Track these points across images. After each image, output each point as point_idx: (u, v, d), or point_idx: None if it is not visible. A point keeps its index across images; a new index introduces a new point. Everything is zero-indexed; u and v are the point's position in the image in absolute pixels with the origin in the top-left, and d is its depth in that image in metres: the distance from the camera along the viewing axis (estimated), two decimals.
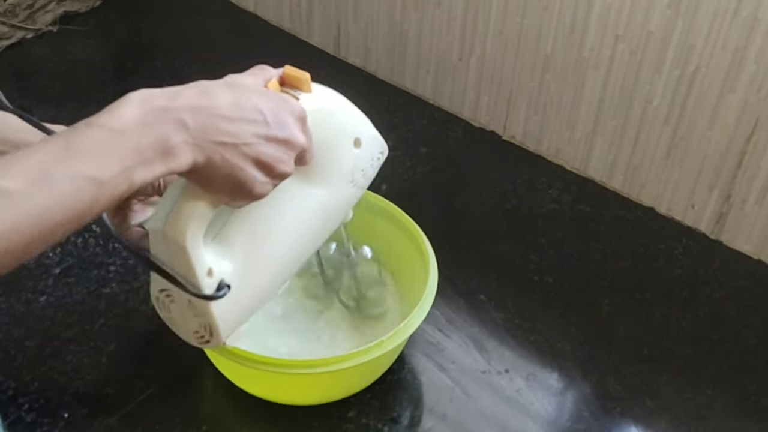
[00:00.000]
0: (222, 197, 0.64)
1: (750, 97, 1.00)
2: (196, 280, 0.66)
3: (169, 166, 0.57)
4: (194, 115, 0.58)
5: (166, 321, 0.73)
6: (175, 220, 0.64)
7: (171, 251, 0.66)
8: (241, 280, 0.70)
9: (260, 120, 0.62)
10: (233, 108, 0.60)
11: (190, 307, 0.69)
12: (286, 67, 0.69)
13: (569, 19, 1.12)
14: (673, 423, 0.90)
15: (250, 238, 0.70)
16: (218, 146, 0.59)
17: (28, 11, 1.45)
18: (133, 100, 0.57)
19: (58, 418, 0.87)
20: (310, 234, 0.77)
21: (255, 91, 0.63)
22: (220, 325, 0.69)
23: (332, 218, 0.78)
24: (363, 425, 0.88)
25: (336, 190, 0.76)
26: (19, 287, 1.00)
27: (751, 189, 1.06)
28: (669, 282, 1.06)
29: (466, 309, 1.01)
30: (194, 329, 0.71)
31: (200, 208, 0.64)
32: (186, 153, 0.58)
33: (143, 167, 0.55)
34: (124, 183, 0.55)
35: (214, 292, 0.67)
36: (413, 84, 1.35)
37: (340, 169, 0.76)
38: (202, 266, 0.66)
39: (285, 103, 0.64)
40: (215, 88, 0.61)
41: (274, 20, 1.51)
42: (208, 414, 0.90)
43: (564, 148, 1.22)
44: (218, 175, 0.60)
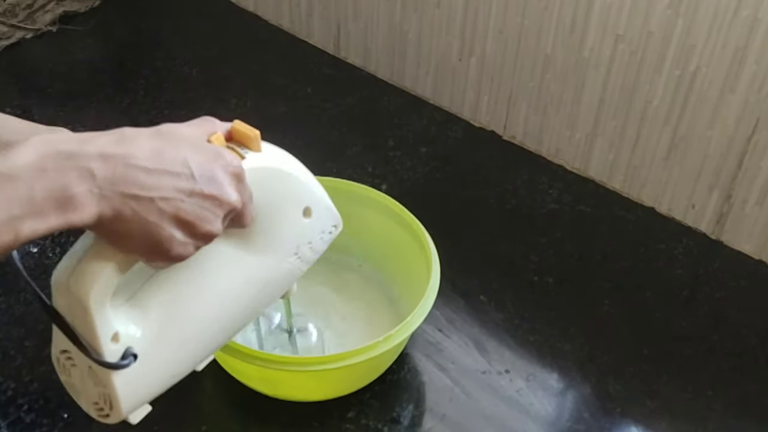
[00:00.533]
0: (135, 256, 0.57)
1: (750, 97, 1.00)
2: (98, 345, 0.59)
3: (67, 218, 0.51)
4: (104, 163, 0.52)
5: (66, 386, 0.66)
6: (80, 277, 0.57)
7: (73, 308, 0.59)
8: (152, 350, 0.62)
9: (185, 173, 0.55)
10: (153, 158, 0.54)
11: (90, 374, 0.62)
12: (236, 122, 0.63)
13: (569, 19, 1.11)
14: (673, 423, 0.90)
15: (168, 304, 0.63)
16: (129, 199, 0.53)
17: (28, 11, 1.45)
18: (32, 144, 0.51)
19: (57, 419, 0.87)
20: (241, 306, 0.68)
21: (186, 142, 0.57)
22: (122, 397, 0.62)
23: (269, 291, 0.71)
24: (363, 425, 0.88)
25: (277, 260, 0.69)
26: (18, 287, 1.00)
27: (751, 189, 1.06)
28: (669, 282, 1.06)
29: (466, 309, 1.01)
30: (94, 400, 0.64)
31: (109, 267, 0.57)
32: (89, 204, 0.51)
33: (34, 219, 0.49)
34: (8, 234, 0.49)
35: (118, 360, 0.60)
36: (413, 84, 1.35)
37: (283, 238, 0.68)
38: (107, 330, 0.59)
39: (219, 158, 0.58)
40: (139, 136, 0.55)
41: (273, 20, 1.51)
42: (208, 414, 0.90)
43: (564, 148, 1.22)
44: (129, 231, 0.54)
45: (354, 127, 1.28)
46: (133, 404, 0.64)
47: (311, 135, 1.25)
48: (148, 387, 0.65)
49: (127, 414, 0.64)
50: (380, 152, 1.23)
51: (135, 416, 0.65)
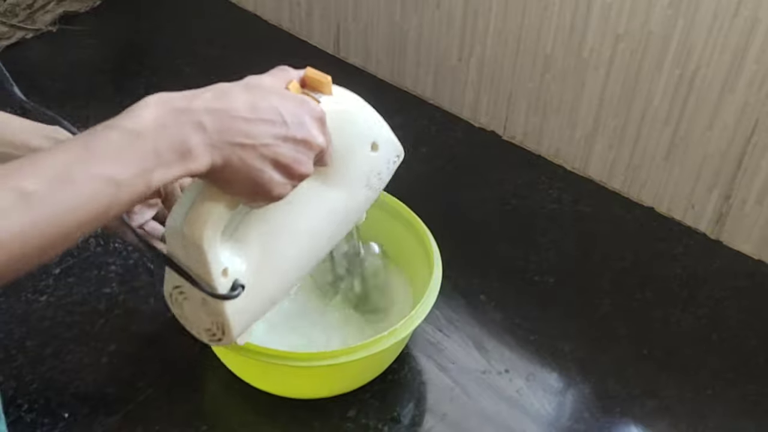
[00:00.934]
0: (240, 198, 0.64)
1: (750, 97, 1.01)
2: (211, 280, 0.66)
3: (187, 167, 0.57)
4: (212, 116, 0.58)
5: (179, 318, 0.73)
6: (192, 220, 0.64)
7: (188, 250, 0.66)
8: (255, 279, 0.70)
9: (278, 121, 0.62)
10: (251, 109, 0.60)
11: (203, 305, 0.69)
12: (308, 69, 0.69)
13: (569, 19, 1.12)
14: (673, 423, 0.90)
15: (265, 239, 0.71)
16: (236, 147, 0.59)
17: (28, 11, 1.45)
18: (151, 103, 0.57)
19: (58, 418, 0.87)
20: (325, 236, 0.77)
21: (274, 93, 0.63)
22: (233, 323, 0.70)
23: (347, 220, 0.78)
24: (363, 425, 0.88)
25: (352, 192, 0.76)
26: (19, 287, 1.00)
27: (751, 189, 1.06)
28: (669, 282, 1.06)
29: (466, 309, 1.01)
30: (206, 327, 0.71)
31: (218, 209, 0.64)
32: (204, 154, 0.58)
33: (161, 168, 0.55)
34: (142, 184, 0.55)
35: (229, 291, 0.68)
36: (413, 84, 1.35)
37: (357, 171, 0.76)
38: (218, 266, 0.66)
39: (304, 104, 0.64)
40: (233, 89, 0.61)
41: (273, 20, 1.51)
42: (208, 414, 0.90)
43: (564, 148, 1.22)
44: (236, 176, 0.60)
45: None
46: (242, 328, 0.72)
47: None
48: (253, 312, 0.73)
49: (237, 336, 0.72)
50: None
51: (242, 338, 0.74)
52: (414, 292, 0.95)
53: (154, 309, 0.98)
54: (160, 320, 0.97)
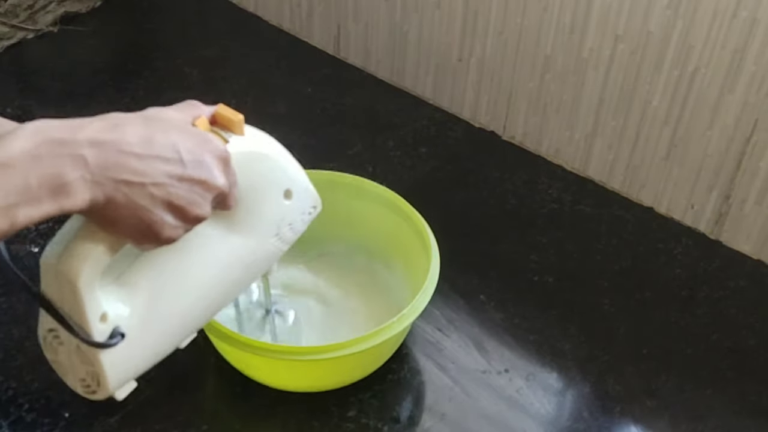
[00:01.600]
0: (125, 239, 0.59)
1: (749, 97, 1.01)
2: (87, 325, 0.60)
3: (60, 204, 0.52)
4: (96, 150, 0.53)
5: (52, 364, 0.67)
6: (69, 258, 0.58)
7: (62, 290, 0.60)
8: (139, 328, 0.64)
9: (174, 158, 0.56)
10: (144, 144, 0.55)
11: (78, 352, 0.63)
12: (220, 105, 0.64)
13: (569, 19, 1.12)
14: (673, 423, 0.91)
15: (155, 284, 0.65)
16: (122, 185, 0.54)
17: (29, 12, 1.45)
18: (27, 132, 0.52)
19: (58, 418, 0.87)
20: (224, 285, 0.71)
21: (174, 127, 0.58)
22: (109, 375, 0.63)
23: (251, 271, 0.73)
24: (363, 425, 0.88)
25: (259, 241, 0.71)
26: (19, 287, 1.00)
27: (750, 189, 1.06)
28: (669, 282, 1.06)
29: (466, 309, 1.01)
30: (81, 377, 0.65)
31: (98, 249, 0.58)
32: (82, 191, 0.52)
33: (29, 206, 0.50)
34: (4, 221, 0.50)
35: (106, 339, 0.61)
36: (413, 84, 1.35)
37: (266, 219, 0.71)
38: (95, 310, 0.60)
39: (206, 142, 0.59)
40: (127, 121, 0.56)
41: (274, 20, 1.51)
42: (208, 414, 0.90)
43: (564, 148, 1.22)
44: (121, 216, 0.55)
45: (354, 127, 1.29)
46: (119, 381, 0.65)
47: (311, 135, 1.25)
48: (134, 364, 0.66)
49: (114, 390, 0.65)
50: (380, 152, 1.24)
51: (121, 392, 0.67)
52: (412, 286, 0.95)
53: None
54: None
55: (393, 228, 0.98)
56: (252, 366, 0.90)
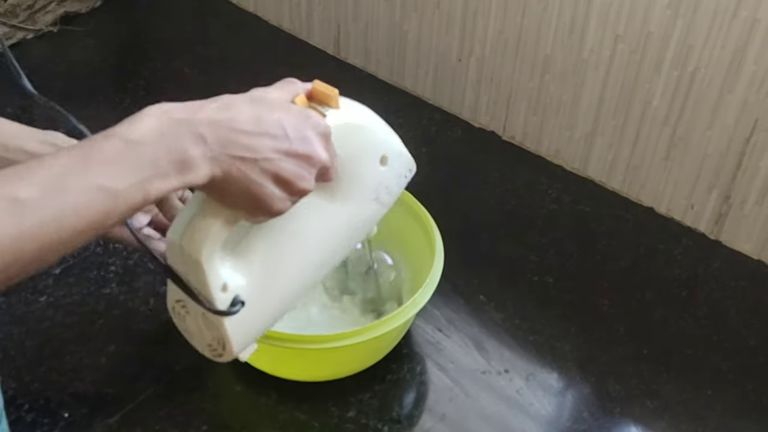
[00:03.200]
0: (240, 213, 0.63)
1: (749, 97, 1.01)
2: (210, 295, 0.65)
3: (185, 178, 0.56)
4: (213, 128, 0.57)
5: (182, 330, 0.72)
6: (191, 235, 0.63)
7: (187, 264, 0.65)
8: (256, 295, 0.69)
9: (281, 135, 0.61)
10: (254, 122, 0.60)
11: (204, 319, 0.68)
12: (315, 81, 0.68)
13: (569, 19, 1.12)
14: (673, 423, 0.90)
15: (268, 254, 0.69)
16: (236, 161, 0.58)
17: (29, 12, 1.45)
18: (152, 113, 0.56)
19: (58, 418, 0.87)
20: (331, 251, 0.75)
21: (278, 106, 0.63)
22: (233, 339, 0.68)
23: (355, 234, 0.77)
24: (363, 425, 0.88)
25: (360, 206, 0.75)
26: (19, 287, 1.00)
27: (750, 189, 1.06)
28: (669, 282, 1.06)
29: (466, 309, 1.01)
30: (208, 342, 0.70)
31: (217, 224, 0.63)
32: (203, 166, 0.57)
33: (159, 179, 0.55)
34: (139, 194, 0.54)
35: (228, 307, 0.66)
36: (413, 84, 1.35)
37: (365, 186, 0.74)
38: (217, 282, 0.65)
39: (308, 119, 0.63)
40: (237, 102, 0.61)
41: (274, 20, 1.51)
42: (208, 414, 0.90)
43: (564, 149, 1.22)
44: (236, 190, 0.60)
45: None
46: (242, 344, 0.70)
47: None
48: (254, 328, 0.71)
49: (238, 353, 0.70)
50: None
51: (244, 354, 0.72)
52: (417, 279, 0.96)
53: (154, 309, 0.98)
54: (159, 320, 0.97)
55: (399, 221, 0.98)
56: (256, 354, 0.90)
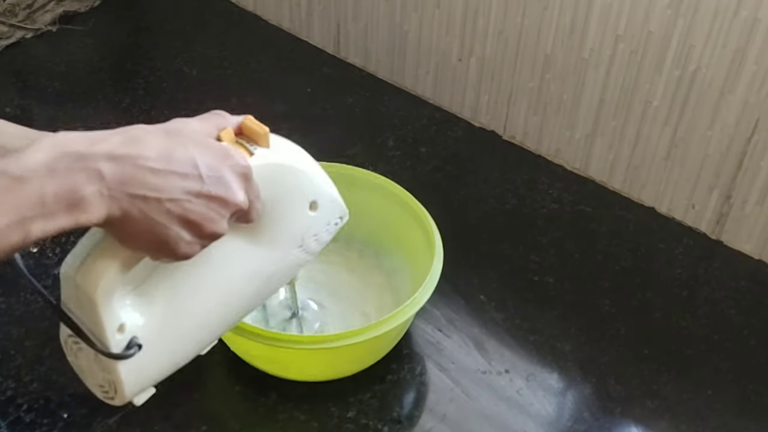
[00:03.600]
0: (142, 253, 0.59)
1: (750, 97, 1.00)
2: (104, 336, 0.60)
3: (76, 219, 0.52)
4: (113, 164, 0.53)
5: (73, 366, 0.67)
6: (87, 271, 0.59)
7: (81, 301, 0.60)
8: (156, 338, 0.64)
9: (193, 174, 0.56)
10: (162, 159, 0.54)
11: (96, 360, 0.63)
12: (247, 117, 0.63)
13: (569, 19, 1.11)
14: (673, 423, 0.90)
15: (173, 295, 0.64)
16: (138, 200, 0.54)
17: (28, 11, 1.45)
18: (44, 145, 0.52)
19: (57, 419, 0.87)
20: (245, 296, 0.70)
21: (194, 141, 0.57)
22: (126, 384, 0.64)
23: (273, 281, 0.72)
24: (363, 425, 0.88)
25: (282, 253, 0.70)
26: (18, 288, 1.00)
27: (751, 189, 1.06)
28: (669, 282, 1.06)
29: (466, 309, 1.01)
30: (99, 383, 0.65)
31: (116, 262, 0.59)
32: (98, 206, 0.52)
33: (44, 220, 0.50)
34: (17, 235, 0.50)
35: (123, 350, 0.62)
36: (413, 84, 1.35)
37: (290, 231, 0.69)
38: (113, 322, 0.60)
39: (226, 157, 0.58)
40: (148, 135, 0.56)
41: (273, 20, 1.51)
42: (208, 414, 0.90)
43: (564, 148, 1.22)
44: (137, 230, 0.55)
45: (354, 127, 1.28)
46: (137, 389, 0.66)
47: (311, 135, 1.24)
48: (151, 373, 0.66)
49: (131, 398, 0.65)
50: (380, 152, 1.23)
51: (139, 399, 0.67)
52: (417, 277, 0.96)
53: None
54: None
55: (398, 221, 0.98)
56: (254, 355, 0.91)
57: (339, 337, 0.83)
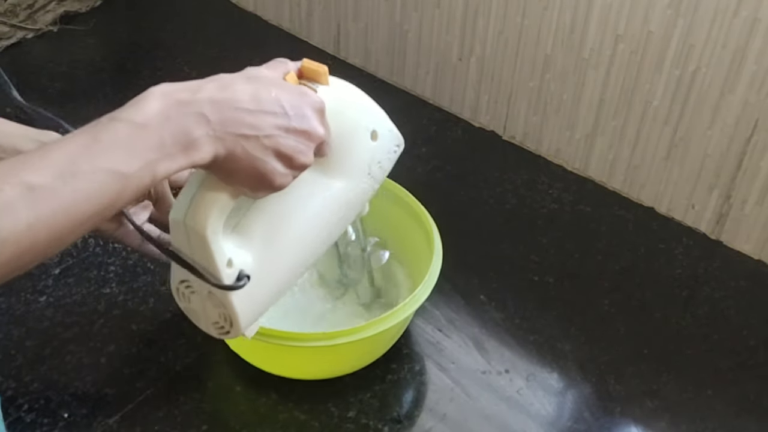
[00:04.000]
0: (242, 189, 0.64)
1: (750, 97, 1.00)
2: (216, 271, 0.67)
3: (191, 158, 0.58)
4: (215, 108, 0.59)
5: (186, 312, 0.74)
6: (195, 212, 0.65)
7: (192, 242, 0.66)
8: (260, 270, 0.70)
9: (280, 112, 0.62)
10: (253, 101, 0.61)
11: (210, 297, 0.70)
12: (305, 60, 0.70)
13: (569, 19, 1.11)
14: (673, 423, 0.90)
15: (269, 229, 0.71)
16: (239, 138, 0.60)
17: (29, 11, 1.45)
18: (155, 95, 0.58)
19: (57, 419, 0.87)
20: (328, 226, 0.77)
21: (274, 84, 0.64)
22: (240, 315, 0.70)
23: (349, 210, 0.78)
24: (363, 425, 0.88)
25: (353, 182, 0.76)
26: (18, 287, 1.00)
27: (751, 189, 1.06)
28: (669, 282, 1.06)
29: (466, 309, 1.01)
30: (214, 320, 0.71)
31: (221, 200, 0.64)
32: (207, 146, 0.58)
33: (166, 160, 0.56)
34: (147, 176, 0.55)
35: (234, 282, 0.68)
36: (413, 84, 1.35)
37: (357, 161, 0.76)
38: (222, 257, 0.67)
39: (304, 96, 0.65)
40: (235, 81, 0.62)
41: (274, 20, 1.51)
42: (208, 414, 0.90)
43: (564, 148, 1.22)
44: (239, 167, 0.61)
45: None
46: (249, 320, 0.72)
47: None
48: (260, 303, 0.73)
49: (245, 329, 0.72)
50: None
51: (250, 331, 0.74)
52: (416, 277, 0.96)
53: (154, 309, 0.98)
54: (159, 320, 0.97)
55: (397, 220, 0.98)
56: (252, 352, 0.91)
57: (338, 335, 0.84)
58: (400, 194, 0.99)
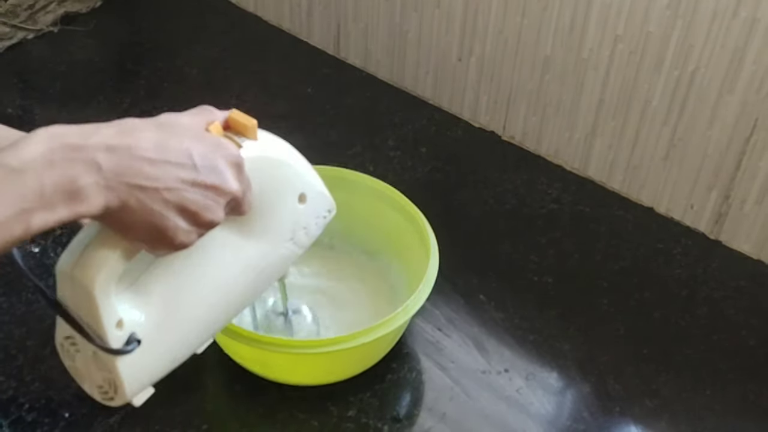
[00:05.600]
0: (140, 244, 0.59)
1: (749, 97, 1.01)
2: (102, 332, 0.60)
3: (75, 209, 0.52)
4: (110, 155, 0.53)
5: (70, 370, 0.67)
6: (85, 264, 0.58)
7: (78, 297, 0.60)
8: (155, 334, 0.64)
9: (188, 164, 0.56)
10: (157, 149, 0.55)
11: (95, 359, 0.63)
12: (233, 111, 0.64)
13: (569, 19, 1.12)
14: (673, 423, 0.91)
15: (170, 289, 0.65)
16: (135, 190, 0.54)
17: (29, 12, 1.45)
18: (40, 137, 0.52)
19: (58, 418, 0.87)
20: (239, 290, 0.70)
21: (187, 133, 0.58)
22: (126, 382, 0.63)
23: (266, 275, 0.72)
24: (363, 425, 0.88)
25: (273, 246, 0.71)
26: (19, 287, 1.00)
27: (750, 189, 1.06)
28: (668, 282, 1.06)
29: (466, 309, 1.01)
30: (98, 383, 0.65)
31: (113, 255, 0.58)
32: (96, 196, 0.52)
33: (44, 211, 0.50)
34: (19, 227, 0.50)
35: (122, 346, 0.61)
36: (413, 84, 1.35)
37: (280, 224, 0.70)
38: (112, 317, 0.60)
39: (219, 148, 0.59)
40: (141, 127, 0.56)
41: (274, 20, 1.51)
42: (208, 414, 0.90)
43: (563, 149, 1.22)
44: (135, 221, 0.55)
45: (354, 127, 1.29)
46: (136, 387, 0.65)
47: (311, 135, 1.25)
48: (151, 370, 0.66)
49: (131, 397, 0.65)
50: (380, 152, 1.24)
51: (138, 399, 0.66)
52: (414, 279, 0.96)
53: None
54: None
55: (394, 225, 0.98)
56: (249, 359, 0.91)
57: (333, 342, 0.83)
58: (395, 197, 0.98)
